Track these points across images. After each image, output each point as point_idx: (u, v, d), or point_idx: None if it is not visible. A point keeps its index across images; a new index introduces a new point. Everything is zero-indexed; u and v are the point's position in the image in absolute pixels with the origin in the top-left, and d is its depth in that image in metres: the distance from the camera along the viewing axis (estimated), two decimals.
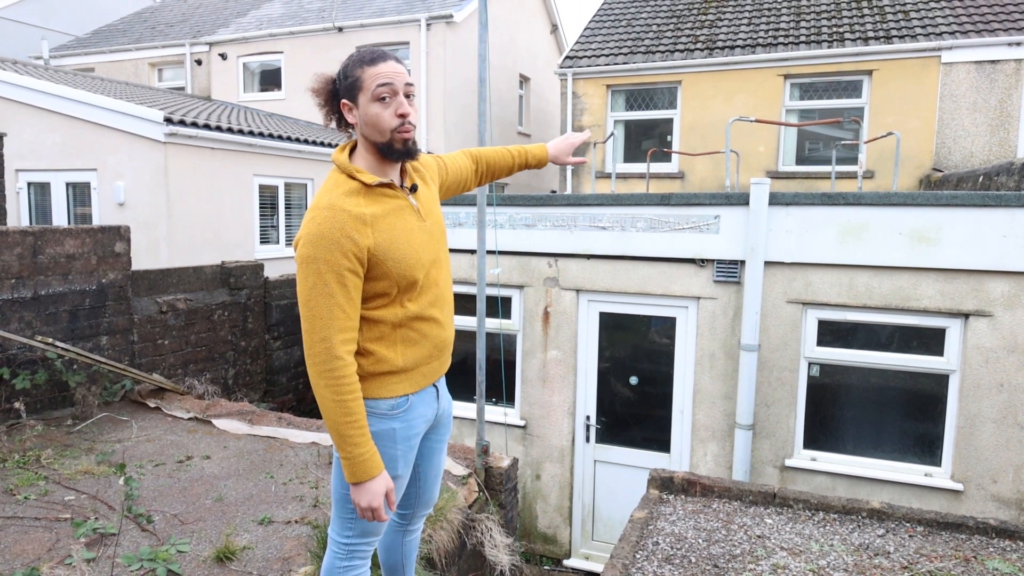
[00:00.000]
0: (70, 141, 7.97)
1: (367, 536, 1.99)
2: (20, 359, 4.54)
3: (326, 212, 1.73)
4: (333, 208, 1.74)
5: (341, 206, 1.74)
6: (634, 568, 3.12)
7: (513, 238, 5.75)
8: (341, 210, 1.73)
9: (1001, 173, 6.47)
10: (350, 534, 1.97)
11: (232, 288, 6.53)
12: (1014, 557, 3.20)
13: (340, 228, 1.71)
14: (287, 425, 4.77)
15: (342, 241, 1.71)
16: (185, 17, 16.08)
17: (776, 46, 10.05)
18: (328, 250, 1.70)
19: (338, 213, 1.73)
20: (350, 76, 1.82)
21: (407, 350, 1.87)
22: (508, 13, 13.97)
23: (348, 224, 1.72)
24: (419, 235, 1.87)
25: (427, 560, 3.26)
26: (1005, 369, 4.56)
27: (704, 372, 5.33)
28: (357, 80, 1.81)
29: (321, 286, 1.71)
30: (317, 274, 1.70)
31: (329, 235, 1.70)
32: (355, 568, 2.01)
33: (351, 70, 1.82)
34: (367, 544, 2.01)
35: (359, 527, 1.96)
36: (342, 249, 1.71)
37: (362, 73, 1.80)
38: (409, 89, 1.82)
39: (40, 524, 3.16)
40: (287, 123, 11.20)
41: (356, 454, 1.74)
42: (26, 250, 4.58)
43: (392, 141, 1.80)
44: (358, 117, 1.83)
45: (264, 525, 3.28)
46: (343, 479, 1.90)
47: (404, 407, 1.89)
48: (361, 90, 1.80)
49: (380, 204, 1.81)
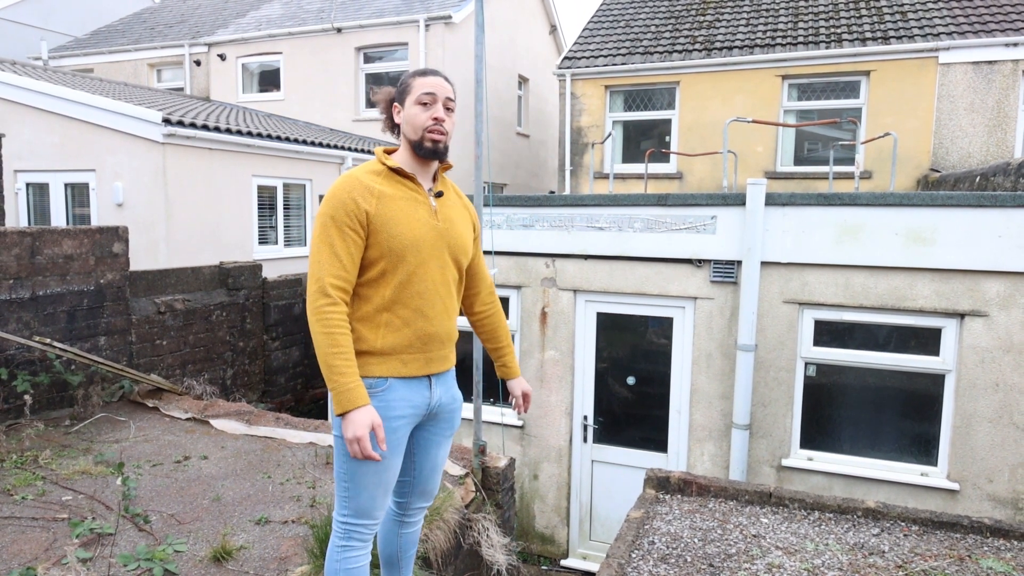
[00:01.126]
0: (69, 142, 7.98)
1: (361, 517, 2.05)
2: (18, 359, 4.55)
3: (343, 179, 2.02)
4: (350, 176, 2.02)
5: (356, 176, 2.02)
6: (630, 567, 3.13)
7: (511, 238, 5.76)
8: (355, 178, 2.01)
9: (998, 173, 6.48)
10: (346, 513, 2.05)
11: (230, 288, 6.54)
12: (1008, 556, 3.21)
13: (348, 191, 1.98)
14: (285, 425, 4.78)
15: (346, 201, 1.96)
16: (184, 18, 16.09)
17: (774, 47, 10.07)
18: (334, 207, 1.96)
19: (351, 180, 2.00)
20: (404, 83, 2.12)
21: (387, 334, 2.01)
22: (507, 14, 13.99)
23: (356, 189, 1.98)
24: (424, 227, 2.05)
25: (423, 560, 3.27)
26: (1001, 369, 4.57)
27: (701, 372, 5.34)
28: (407, 86, 2.10)
29: (323, 236, 1.94)
30: (323, 227, 1.95)
31: (338, 195, 1.97)
32: (352, 550, 2.06)
33: (406, 79, 2.13)
34: (364, 527, 2.06)
35: (352, 505, 2.03)
36: (345, 208, 1.95)
37: (413, 81, 2.09)
38: (449, 103, 2.09)
39: (37, 524, 3.17)
40: (286, 124, 11.21)
41: (342, 383, 1.86)
42: (24, 251, 4.59)
43: (423, 139, 2.05)
44: (402, 117, 2.10)
45: (261, 525, 3.29)
46: (338, 457, 2.02)
47: (383, 387, 2.00)
48: (409, 94, 2.09)
49: (395, 188, 2.05)
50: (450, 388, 2.23)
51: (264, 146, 8.76)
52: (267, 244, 9.20)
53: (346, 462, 1.99)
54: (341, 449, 1.99)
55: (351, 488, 2.01)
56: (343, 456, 1.99)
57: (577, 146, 11.12)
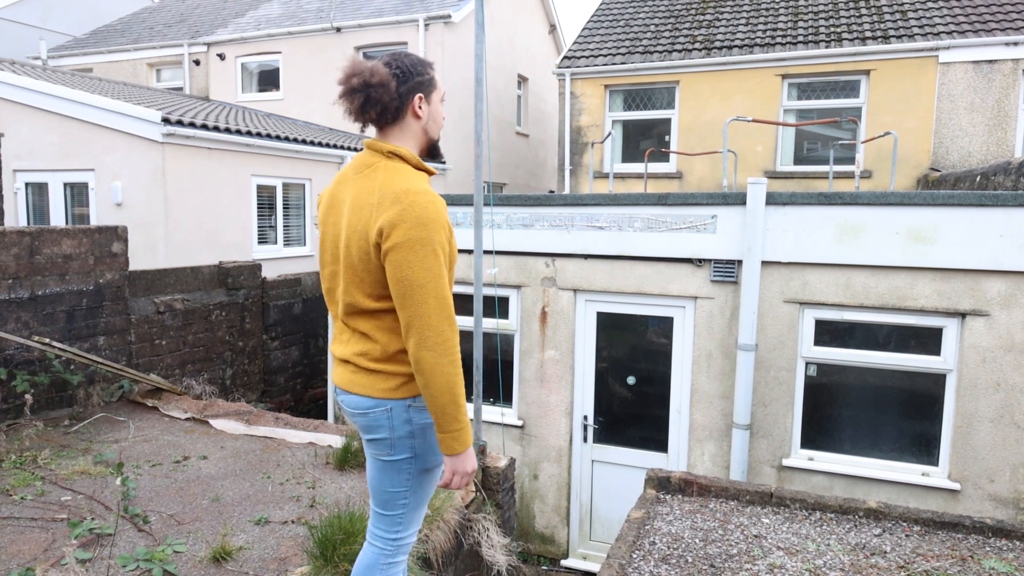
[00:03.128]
0: (68, 141, 7.97)
1: (413, 527, 2.06)
2: (18, 359, 4.53)
3: (428, 196, 1.78)
4: (431, 193, 1.80)
5: (431, 191, 1.82)
6: (631, 568, 3.12)
7: (510, 238, 5.75)
8: (436, 196, 1.81)
9: (998, 173, 6.48)
10: (399, 529, 2.02)
11: (230, 288, 6.52)
12: (1010, 556, 3.20)
13: (442, 212, 1.80)
14: (284, 425, 4.77)
15: (445, 224, 1.80)
16: (183, 17, 16.07)
17: (774, 46, 10.06)
18: (439, 232, 1.77)
19: (437, 198, 1.80)
20: (427, 74, 1.93)
21: None
22: (506, 13, 13.97)
23: (444, 209, 1.81)
24: None
25: (423, 560, 3.26)
26: (1002, 368, 4.56)
27: (701, 372, 5.33)
28: (433, 80, 1.94)
29: (438, 268, 1.76)
30: (434, 255, 1.75)
31: (437, 218, 1.77)
32: (402, 563, 2.09)
33: (426, 68, 1.94)
34: (412, 536, 2.08)
35: (408, 520, 2.03)
36: (445, 232, 1.80)
37: (434, 74, 1.95)
38: None
39: (36, 524, 3.16)
40: (285, 123, 11.20)
41: (466, 421, 1.82)
42: (23, 250, 4.58)
43: (438, 139, 2.00)
44: (427, 113, 1.93)
45: (260, 525, 3.28)
46: (398, 478, 1.96)
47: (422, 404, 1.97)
48: (436, 89, 1.95)
49: None
50: None
51: (263, 145, 8.75)
52: (266, 244, 9.19)
53: (411, 480, 1.96)
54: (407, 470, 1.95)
55: (411, 504, 2.00)
56: (406, 476, 1.95)
57: (577, 145, 11.10)
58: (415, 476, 1.95)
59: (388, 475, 1.96)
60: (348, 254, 1.85)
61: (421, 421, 1.91)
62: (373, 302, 1.85)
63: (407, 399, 1.89)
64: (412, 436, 1.91)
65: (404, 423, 1.89)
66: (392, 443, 1.91)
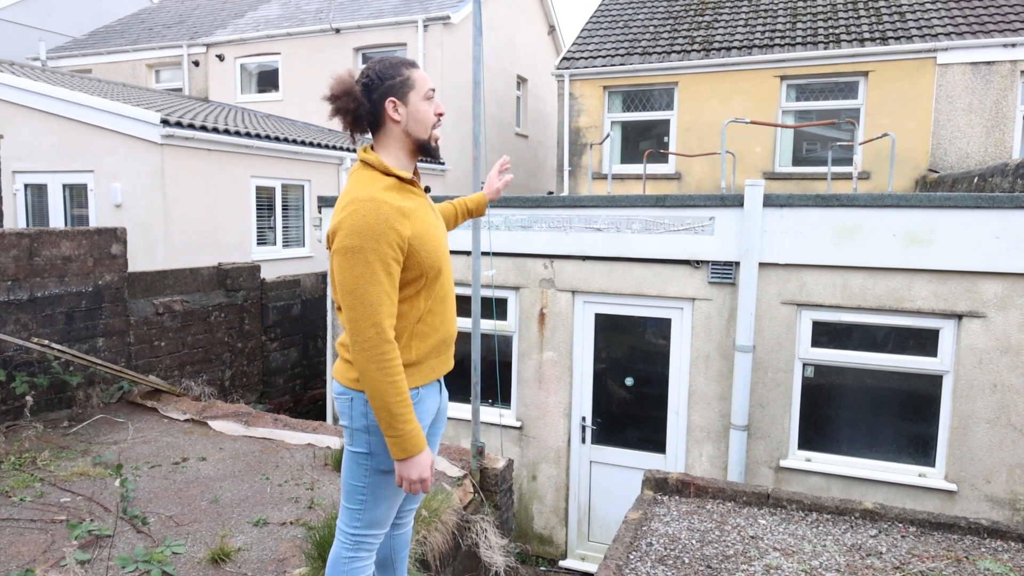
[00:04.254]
0: (67, 143, 7.98)
1: (373, 528, 2.07)
2: (17, 361, 4.54)
3: (369, 204, 1.81)
4: (376, 200, 1.82)
5: (384, 199, 1.83)
6: (627, 569, 3.14)
7: (509, 239, 5.76)
8: (384, 203, 1.82)
9: (996, 174, 6.49)
10: (358, 525, 2.05)
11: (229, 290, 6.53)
12: (1005, 557, 3.22)
13: (385, 219, 1.80)
14: (283, 427, 4.78)
15: (387, 232, 1.80)
16: (182, 18, 16.08)
17: (772, 47, 10.08)
18: (375, 240, 1.78)
19: (382, 205, 1.82)
20: (399, 75, 1.94)
21: (419, 344, 1.99)
22: (505, 14, 13.99)
23: (392, 215, 1.82)
24: (439, 231, 2.04)
25: (421, 562, 3.28)
26: (998, 370, 4.58)
27: (699, 373, 5.35)
28: (408, 79, 1.94)
29: (369, 274, 1.78)
30: (365, 263, 1.78)
31: (375, 225, 1.79)
32: (360, 559, 2.08)
33: (397, 70, 1.94)
34: (373, 536, 2.08)
35: (366, 518, 2.04)
36: (387, 239, 1.80)
37: (412, 73, 1.94)
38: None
39: (36, 526, 3.17)
40: (284, 124, 11.21)
41: (407, 430, 1.83)
42: (22, 252, 4.59)
43: (430, 138, 1.98)
44: (404, 114, 1.95)
45: (259, 526, 3.29)
46: (356, 471, 2.01)
47: (415, 399, 1.99)
48: (414, 88, 1.94)
49: (411, 199, 1.94)
50: (445, 388, 2.25)
51: (262, 147, 8.76)
52: (265, 245, 9.20)
53: (366, 476, 1.99)
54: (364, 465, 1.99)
55: (368, 501, 2.01)
56: (363, 471, 1.99)
57: (576, 147, 11.12)
58: (372, 474, 1.99)
59: (349, 466, 2.03)
60: None
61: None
62: None
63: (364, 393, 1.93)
64: (368, 431, 1.96)
65: (361, 416, 1.95)
66: (351, 432, 1.99)
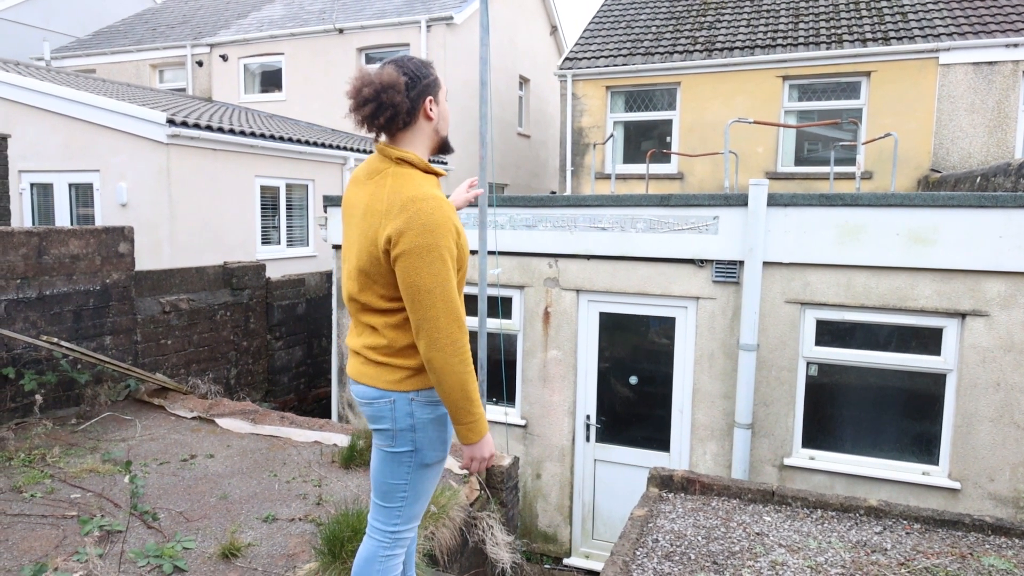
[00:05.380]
0: (73, 142, 8.01)
1: (412, 522, 2.11)
2: (26, 359, 4.57)
3: (433, 202, 1.81)
4: (437, 198, 1.83)
5: (438, 195, 1.85)
6: (634, 565, 3.16)
7: (513, 239, 5.79)
8: (443, 200, 1.85)
9: (999, 174, 6.51)
10: (398, 522, 2.08)
11: (234, 288, 6.57)
12: (1009, 554, 3.24)
13: (449, 217, 1.83)
14: (290, 424, 4.81)
15: (452, 229, 1.84)
16: (186, 18, 16.12)
17: (775, 48, 10.10)
18: (445, 237, 1.81)
19: (443, 203, 1.84)
20: (432, 74, 1.96)
21: None
22: (508, 14, 14.02)
23: (451, 213, 1.85)
24: None
25: (429, 557, 3.30)
26: (1002, 368, 4.60)
27: (703, 372, 5.37)
28: (438, 79, 1.97)
29: (446, 271, 1.81)
30: (442, 260, 1.80)
31: (443, 223, 1.81)
32: (397, 556, 2.13)
33: (429, 69, 1.96)
34: (410, 531, 2.12)
35: (407, 514, 2.07)
36: (452, 236, 1.84)
37: (437, 74, 1.98)
38: None
39: (47, 521, 3.20)
40: (288, 124, 11.24)
41: (479, 413, 1.90)
42: (31, 251, 4.62)
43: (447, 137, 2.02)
44: (437, 113, 1.97)
45: (268, 523, 3.32)
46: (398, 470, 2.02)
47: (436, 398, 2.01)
48: (441, 88, 1.98)
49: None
50: None
51: (267, 147, 8.79)
52: (270, 244, 9.23)
53: (410, 473, 2.02)
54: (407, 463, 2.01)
55: (410, 497, 2.04)
56: (406, 468, 2.01)
57: (578, 147, 11.15)
58: (415, 470, 2.01)
59: (389, 466, 2.03)
60: (361, 258, 1.92)
61: (423, 416, 1.97)
62: (384, 302, 1.93)
63: (410, 392, 1.95)
64: (413, 429, 1.97)
65: (406, 416, 1.96)
66: (394, 434, 1.98)
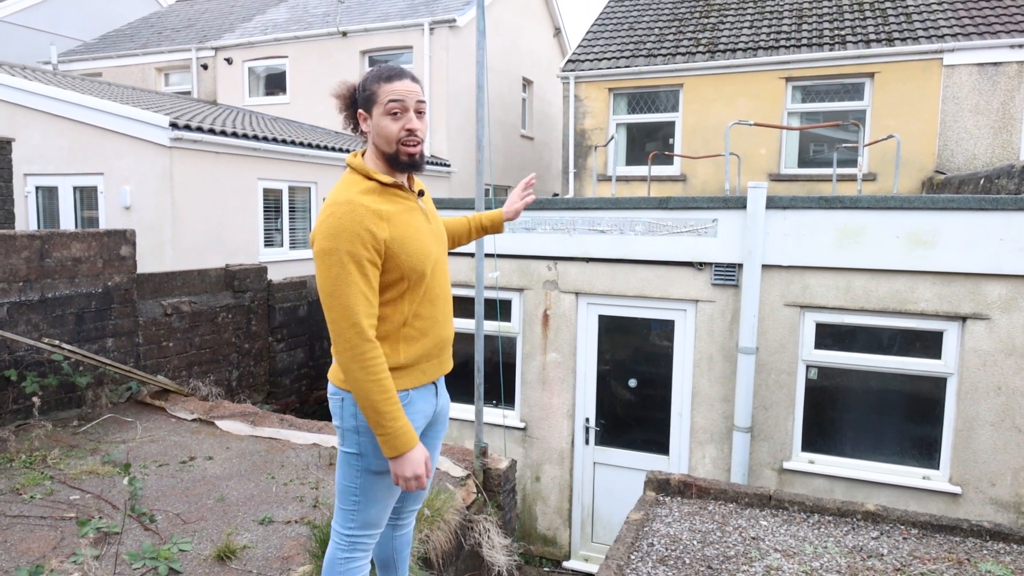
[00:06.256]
0: (77, 146, 8.07)
1: (368, 528, 2.08)
2: (27, 361, 4.61)
3: (345, 207, 1.85)
4: (352, 203, 1.86)
5: (360, 201, 1.87)
6: (628, 569, 3.16)
7: (512, 241, 5.79)
8: (360, 204, 1.86)
9: (1002, 176, 6.47)
10: (352, 526, 2.06)
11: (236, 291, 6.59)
12: (1007, 560, 3.22)
13: (359, 221, 1.83)
14: (289, 426, 4.83)
15: (362, 233, 1.83)
16: (191, 22, 16.22)
17: (778, 49, 10.08)
18: (349, 241, 1.81)
19: (357, 207, 1.85)
20: (368, 89, 1.96)
21: (407, 347, 1.99)
22: (511, 17, 14.04)
23: (367, 217, 1.85)
24: (426, 235, 2.01)
25: (424, 560, 3.31)
26: (1003, 372, 4.57)
27: (702, 375, 5.36)
28: (373, 94, 1.94)
29: (345, 275, 1.81)
30: (340, 264, 1.81)
31: (350, 227, 1.82)
32: (356, 560, 2.09)
33: (369, 84, 1.96)
34: (368, 536, 2.09)
35: (360, 519, 2.05)
36: (362, 240, 1.83)
37: (378, 88, 1.93)
38: (420, 106, 1.96)
39: (46, 523, 3.23)
40: (291, 127, 11.29)
41: (396, 427, 1.85)
42: (33, 253, 4.66)
43: (398, 153, 1.95)
44: (371, 127, 1.97)
45: (264, 525, 3.33)
46: (348, 472, 2.02)
47: (405, 401, 2.00)
48: (376, 103, 1.94)
49: (393, 203, 1.95)
50: (444, 390, 2.24)
51: (269, 149, 8.83)
52: (272, 246, 9.27)
53: (359, 478, 2.00)
54: (355, 466, 2.00)
55: (361, 502, 2.02)
56: (355, 472, 2.01)
57: (581, 148, 11.15)
58: (363, 474, 2.00)
59: (342, 466, 2.05)
60: None
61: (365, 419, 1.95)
62: None
63: None
64: (358, 432, 1.97)
65: (351, 416, 1.98)
66: (342, 432, 2.01)
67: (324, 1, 14.79)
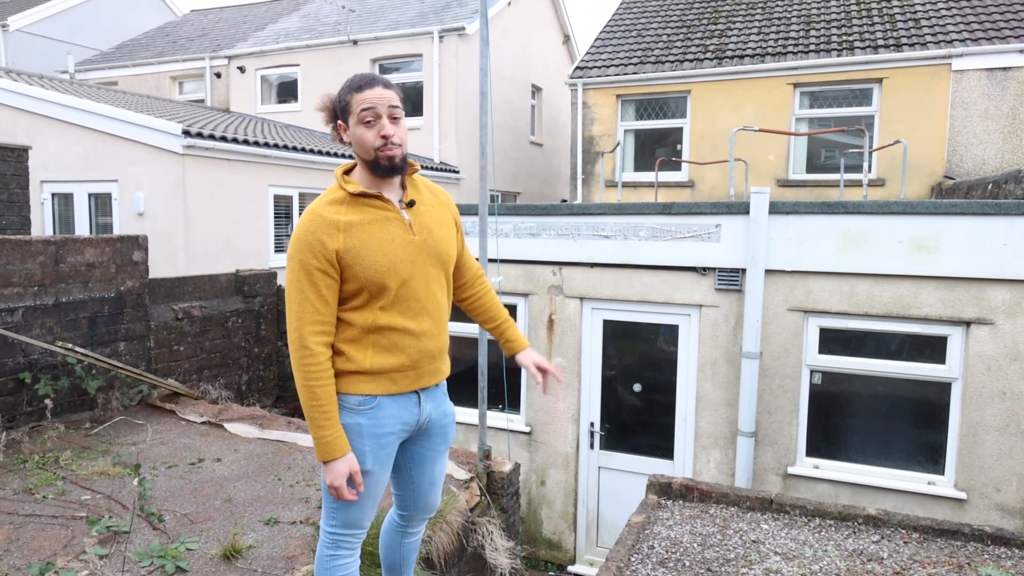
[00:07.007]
0: (93, 153, 8.23)
1: (350, 527, 2.10)
2: (41, 364, 4.72)
3: (306, 217, 1.97)
4: (312, 213, 1.96)
5: (319, 212, 1.95)
6: (628, 571, 3.18)
7: (517, 247, 5.85)
8: (318, 215, 1.95)
9: (1009, 181, 6.45)
10: (334, 523, 2.10)
11: (246, 296, 6.69)
12: (1008, 564, 3.21)
13: (312, 231, 1.92)
14: (296, 429, 4.90)
15: (312, 242, 1.91)
16: (205, 31, 16.47)
17: (785, 55, 10.09)
18: (301, 250, 1.91)
19: (315, 218, 1.94)
20: (342, 100, 2.01)
21: (376, 355, 1.99)
22: (520, 24, 14.14)
23: (320, 228, 1.92)
24: (400, 246, 1.98)
25: (426, 560, 3.35)
26: (1007, 377, 4.55)
27: (706, 379, 5.38)
28: (347, 105, 1.99)
29: (295, 282, 1.92)
30: (293, 271, 1.93)
31: (303, 237, 1.92)
32: (340, 558, 2.12)
33: (343, 95, 2.01)
34: (351, 536, 2.12)
35: (341, 517, 2.08)
36: (312, 250, 1.90)
37: (351, 99, 1.97)
38: (394, 111, 1.97)
39: (57, 522, 3.31)
40: (303, 134, 11.43)
41: (320, 436, 1.91)
42: (48, 259, 4.77)
43: (377, 159, 1.97)
44: (350, 137, 2.01)
45: (270, 525, 3.39)
46: None
47: (371, 405, 2.00)
48: (350, 113, 1.98)
49: (361, 213, 1.97)
50: (441, 403, 2.19)
51: (280, 156, 8.96)
52: (283, 252, 9.38)
53: None
54: None
55: (340, 503, 2.04)
56: None
57: (589, 155, 11.20)
58: None
59: None
60: None
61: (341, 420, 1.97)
62: None
63: None
64: None
65: None
66: None
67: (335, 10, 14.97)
